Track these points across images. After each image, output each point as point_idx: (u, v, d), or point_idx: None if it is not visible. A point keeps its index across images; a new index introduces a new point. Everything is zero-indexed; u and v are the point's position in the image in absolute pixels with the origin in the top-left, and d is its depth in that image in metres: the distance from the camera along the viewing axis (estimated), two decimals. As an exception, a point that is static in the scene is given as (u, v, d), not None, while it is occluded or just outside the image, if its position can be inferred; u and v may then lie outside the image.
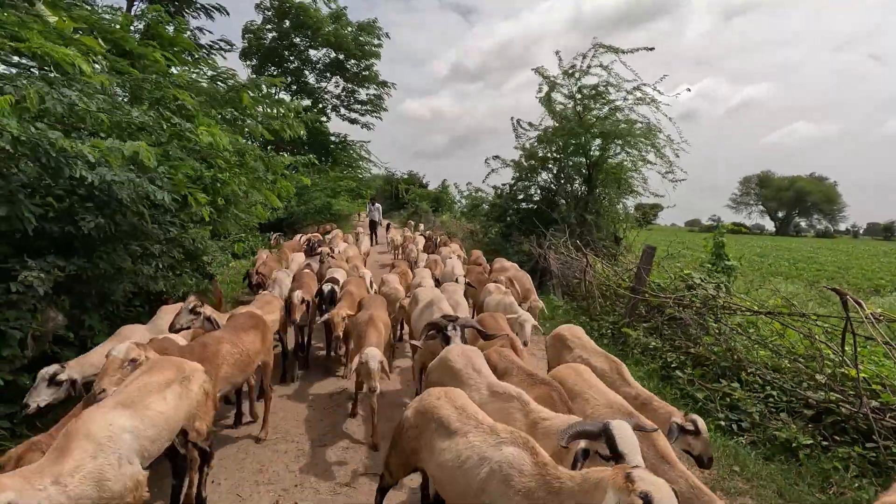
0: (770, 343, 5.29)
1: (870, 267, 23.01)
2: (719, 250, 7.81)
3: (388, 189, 39.68)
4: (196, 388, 2.79)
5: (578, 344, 4.02)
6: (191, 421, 2.75)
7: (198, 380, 2.84)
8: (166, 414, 2.50)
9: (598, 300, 8.23)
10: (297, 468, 3.62)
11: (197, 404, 2.78)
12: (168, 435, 2.52)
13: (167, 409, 2.52)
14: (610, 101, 12.28)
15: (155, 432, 2.40)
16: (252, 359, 3.74)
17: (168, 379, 2.64)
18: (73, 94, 3.78)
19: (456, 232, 19.35)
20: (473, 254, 10.76)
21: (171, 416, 2.54)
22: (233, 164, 6.26)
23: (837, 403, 4.09)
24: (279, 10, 22.05)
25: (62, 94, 3.74)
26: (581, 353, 3.91)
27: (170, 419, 2.53)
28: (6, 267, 3.73)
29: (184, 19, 8.73)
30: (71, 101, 3.73)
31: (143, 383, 2.55)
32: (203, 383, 2.88)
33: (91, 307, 4.41)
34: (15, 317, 3.55)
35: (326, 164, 21.74)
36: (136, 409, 2.36)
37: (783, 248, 36.69)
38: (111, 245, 4.53)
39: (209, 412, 2.94)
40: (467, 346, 3.43)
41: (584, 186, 13.50)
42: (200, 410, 2.82)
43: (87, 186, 4.13)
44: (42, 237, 4.10)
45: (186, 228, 5.68)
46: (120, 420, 2.26)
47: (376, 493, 2.90)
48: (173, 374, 2.69)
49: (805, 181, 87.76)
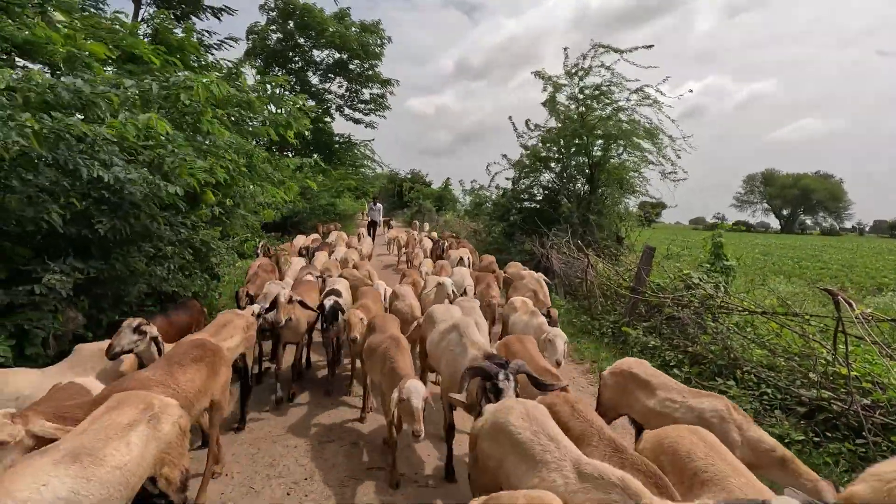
0: (766, 342, 5.42)
1: (874, 265, 22.97)
2: (718, 250, 7.92)
3: (391, 188, 39.87)
4: (167, 427, 2.35)
5: (660, 383, 3.12)
6: (159, 467, 2.31)
7: (170, 417, 2.40)
8: (128, 467, 2.05)
9: (599, 300, 8.36)
10: (306, 462, 3.77)
11: (168, 447, 2.34)
12: (126, 494, 2.05)
13: (129, 461, 2.07)
14: (613, 101, 12.40)
15: (104, 495, 1.92)
16: (192, 402, 2.91)
17: (134, 418, 2.23)
18: (79, 81, 3.92)
19: (460, 231, 19.49)
20: (485, 259, 9.81)
21: (133, 468, 2.09)
22: (240, 165, 6.43)
23: (829, 401, 4.21)
24: (283, 10, 22.21)
25: (67, 81, 3.89)
26: (669, 395, 3.00)
27: (131, 473, 2.07)
28: (27, 269, 3.91)
29: (191, 23, 8.92)
30: (77, 88, 3.86)
31: (104, 425, 2.12)
32: (177, 420, 2.44)
33: (107, 307, 4.59)
34: (38, 317, 3.72)
35: (331, 164, 21.91)
36: (86, 465, 1.92)
37: (788, 246, 36.62)
38: (126, 247, 4.71)
39: (183, 455, 2.46)
40: (530, 404, 2.50)
41: (586, 186, 13.62)
42: (173, 454, 2.37)
43: (101, 189, 4.30)
44: (60, 239, 4.27)
45: (197, 230, 5.84)
46: (57, 482, 1.81)
47: None
48: (140, 411, 2.28)
49: (810, 179, 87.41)
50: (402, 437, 3.75)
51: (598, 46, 12.01)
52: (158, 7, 9.47)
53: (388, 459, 3.64)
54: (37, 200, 3.88)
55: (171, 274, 5.31)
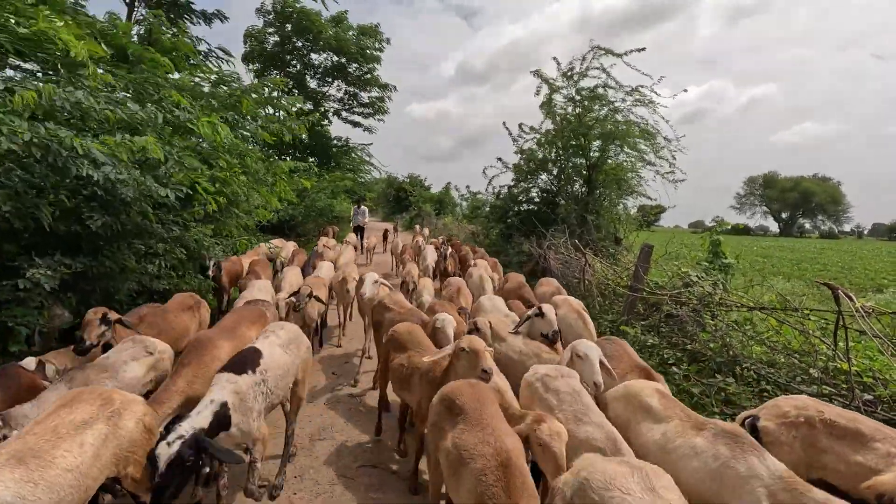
0: (766, 339, 5.34)
1: (873, 266, 22.95)
2: (716, 248, 7.86)
3: (389, 192, 39.86)
4: (130, 424, 2.22)
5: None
6: (123, 466, 2.15)
7: (133, 413, 2.27)
8: (80, 469, 1.91)
9: (598, 299, 8.28)
10: (296, 461, 3.69)
11: (132, 445, 2.20)
12: (80, 496, 1.92)
13: (82, 462, 1.93)
14: (609, 102, 12.39)
15: (54, 499, 1.79)
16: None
17: (89, 416, 2.08)
18: (79, 93, 3.90)
19: (458, 233, 19.43)
20: (511, 279, 6.92)
21: (87, 470, 1.95)
22: (234, 164, 6.38)
23: (830, 397, 4.13)
24: (281, 13, 22.25)
25: (68, 91, 3.86)
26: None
27: (84, 475, 1.92)
28: (14, 265, 3.84)
29: (184, 24, 8.90)
30: (77, 99, 3.85)
31: (54, 425, 1.97)
32: (141, 417, 2.31)
33: (96, 304, 4.49)
34: (22, 313, 3.65)
35: (328, 167, 21.88)
36: (32, 468, 1.78)
37: (787, 248, 36.60)
38: (116, 244, 4.64)
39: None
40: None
41: (584, 187, 13.58)
42: (138, 453, 2.22)
43: (93, 186, 4.24)
44: (49, 235, 4.21)
45: (189, 228, 5.78)
46: (0, 486, 1.68)
47: None
48: (96, 408, 2.13)
49: (809, 182, 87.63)
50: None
51: (597, 49, 12.02)
52: (150, 10, 9.44)
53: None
54: (25, 197, 3.82)
55: (163, 272, 5.24)
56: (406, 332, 3.75)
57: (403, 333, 3.73)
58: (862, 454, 2.34)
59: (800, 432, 2.56)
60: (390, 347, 3.76)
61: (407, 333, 3.72)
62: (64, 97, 3.80)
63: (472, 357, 2.89)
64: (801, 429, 2.55)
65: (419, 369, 3.29)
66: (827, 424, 2.53)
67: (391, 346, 3.75)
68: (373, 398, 4.94)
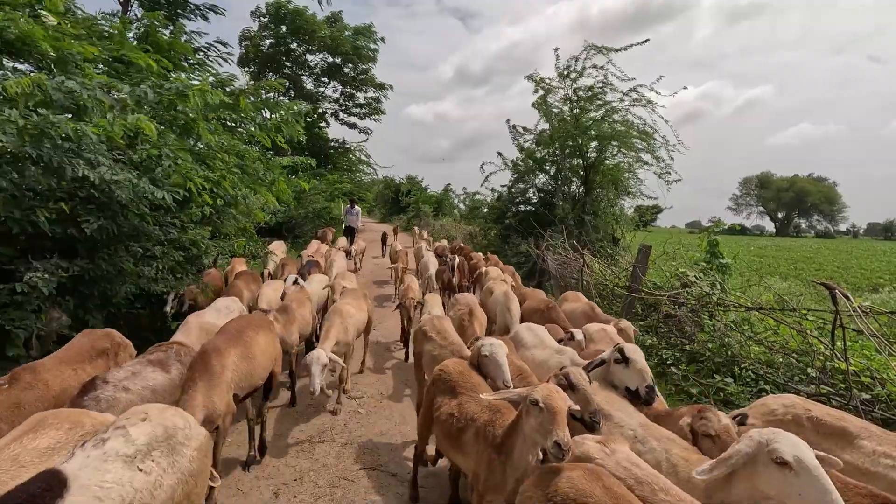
0: (764, 339, 5.36)
1: (869, 266, 23.08)
2: (713, 248, 7.88)
3: (387, 193, 39.76)
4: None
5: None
6: None
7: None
8: None
9: (596, 299, 8.29)
10: (296, 463, 3.68)
11: None
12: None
13: None
14: (606, 102, 12.41)
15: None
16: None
17: (56, 441, 1.89)
18: (70, 82, 3.90)
19: (456, 234, 19.42)
20: (532, 296, 5.85)
21: None
22: (230, 166, 6.35)
23: (829, 396, 4.15)
24: (275, 15, 22.21)
25: (59, 80, 3.87)
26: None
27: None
28: (11, 268, 3.82)
29: (181, 24, 8.88)
30: (70, 88, 3.84)
31: (14, 454, 1.77)
32: None
33: (94, 308, 4.49)
34: (20, 317, 3.64)
35: (325, 168, 21.85)
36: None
37: (783, 247, 36.76)
38: (113, 247, 4.63)
39: None
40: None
41: (581, 188, 13.61)
42: None
43: (89, 188, 4.23)
44: (46, 239, 4.19)
45: (186, 230, 5.76)
46: None
47: None
48: (64, 432, 1.93)
49: (805, 182, 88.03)
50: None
51: (591, 48, 12.06)
52: (146, 9, 9.41)
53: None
54: (23, 200, 3.81)
55: (161, 274, 5.22)
56: (457, 371, 2.98)
57: (454, 373, 2.96)
58: (849, 452, 2.38)
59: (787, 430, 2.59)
60: (436, 391, 2.99)
61: (458, 374, 2.95)
62: (56, 86, 3.81)
63: (547, 419, 2.04)
64: (788, 427, 2.57)
65: (475, 423, 2.56)
66: (814, 423, 2.56)
67: (437, 390, 2.98)
68: (373, 398, 4.93)
